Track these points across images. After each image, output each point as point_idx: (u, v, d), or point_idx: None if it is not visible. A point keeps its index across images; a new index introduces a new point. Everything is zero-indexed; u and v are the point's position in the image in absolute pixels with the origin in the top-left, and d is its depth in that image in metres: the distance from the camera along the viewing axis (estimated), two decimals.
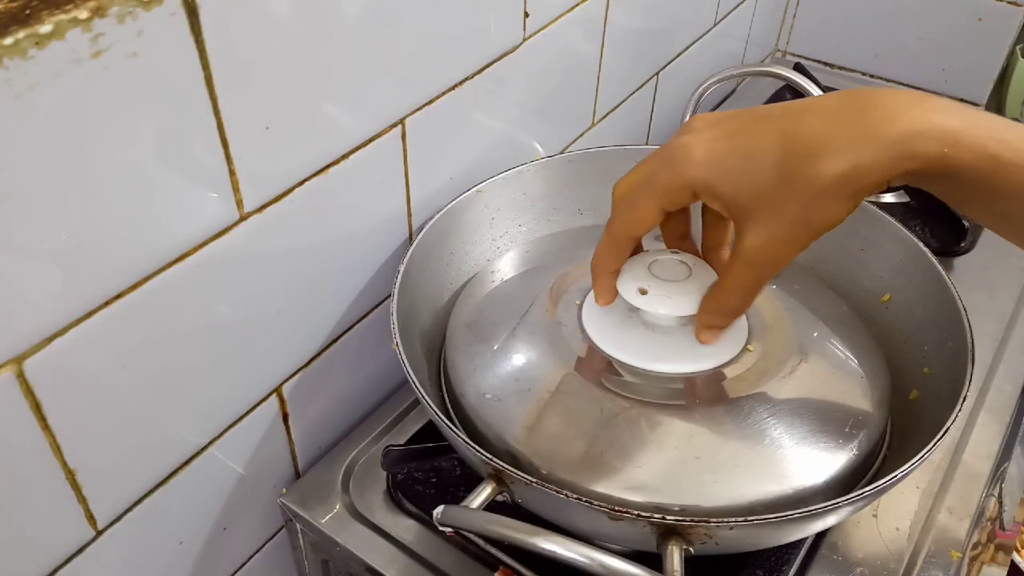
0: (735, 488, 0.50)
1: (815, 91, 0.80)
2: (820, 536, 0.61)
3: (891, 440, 0.60)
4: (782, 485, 0.51)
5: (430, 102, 0.63)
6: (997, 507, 0.76)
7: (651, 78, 0.97)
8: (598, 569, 0.43)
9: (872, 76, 1.23)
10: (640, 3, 0.86)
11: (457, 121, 0.67)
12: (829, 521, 0.52)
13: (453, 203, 0.68)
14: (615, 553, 0.44)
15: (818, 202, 0.44)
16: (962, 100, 1.18)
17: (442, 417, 0.51)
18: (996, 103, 1.18)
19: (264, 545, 0.69)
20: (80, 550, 0.52)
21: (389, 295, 0.60)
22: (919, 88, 1.20)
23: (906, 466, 0.49)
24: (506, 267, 0.70)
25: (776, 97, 1.14)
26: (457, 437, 0.51)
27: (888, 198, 0.95)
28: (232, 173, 0.50)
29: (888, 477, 0.48)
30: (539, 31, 0.72)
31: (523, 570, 0.58)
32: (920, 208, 0.92)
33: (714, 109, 1.15)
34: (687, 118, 0.84)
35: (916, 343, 0.64)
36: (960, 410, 0.52)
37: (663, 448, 0.52)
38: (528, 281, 0.67)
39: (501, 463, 0.49)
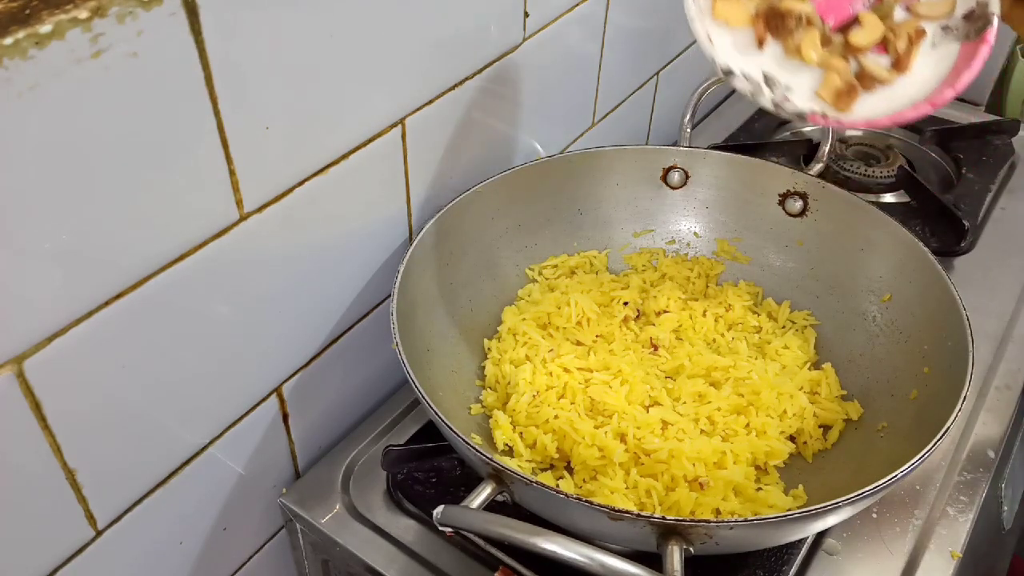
0: None
1: None
2: (820, 536, 0.61)
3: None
4: None
5: (430, 102, 0.63)
6: (997, 507, 0.76)
7: (651, 78, 0.97)
8: (598, 569, 0.43)
9: None
10: (640, 3, 0.86)
11: (457, 121, 0.67)
12: (829, 521, 0.52)
13: (453, 203, 0.68)
14: (615, 553, 0.44)
15: None
16: (962, 100, 1.18)
17: (442, 417, 0.51)
18: (996, 103, 1.18)
19: (264, 545, 0.69)
20: (80, 550, 0.52)
21: (389, 295, 0.60)
22: None
23: (906, 466, 0.49)
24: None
25: None
26: (457, 437, 0.51)
27: (888, 198, 0.95)
28: (232, 173, 0.50)
29: (888, 477, 0.48)
30: (539, 31, 0.72)
31: (523, 570, 0.58)
32: (920, 208, 0.92)
33: (714, 109, 1.15)
34: (687, 118, 0.84)
35: (916, 343, 0.64)
36: (960, 410, 0.52)
37: None
38: None
39: (501, 463, 0.49)
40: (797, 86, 0.53)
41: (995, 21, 0.51)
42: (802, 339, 0.71)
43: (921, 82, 0.53)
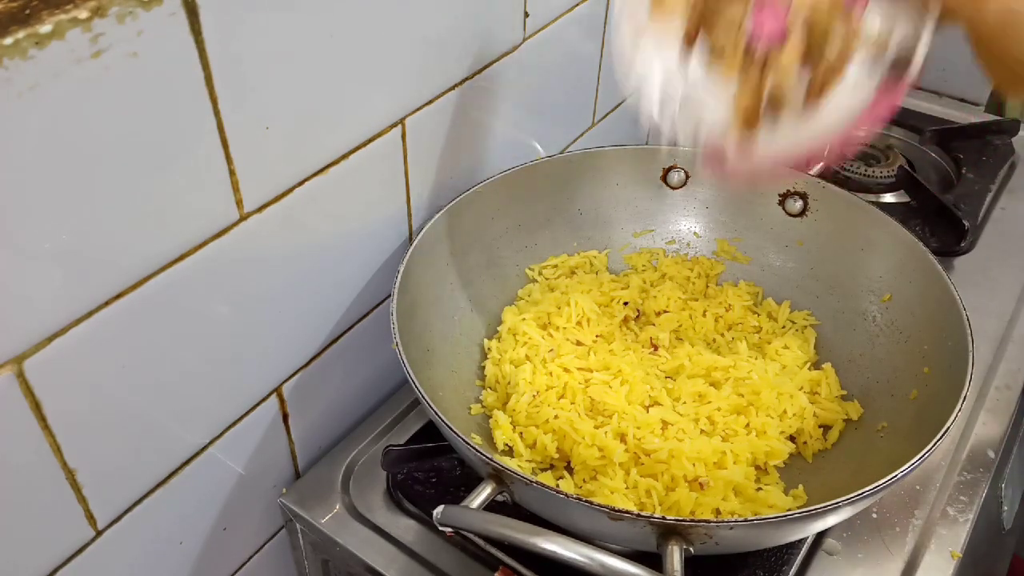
0: None
1: None
2: (820, 536, 0.61)
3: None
4: None
5: (430, 102, 0.63)
6: (997, 507, 0.76)
7: None
8: (598, 569, 0.43)
9: None
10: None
11: (457, 121, 0.67)
12: (829, 521, 0.53)
13: (453, 203, 0.68)
14: (615, 553, 0.44)
15: None
16: (962, 100, 1.18)
17: (442, 417, 0.51)
18: (996, 103, 1.18)
19: (264, 545, 0.69)
20: (80, 550, 0.52)
21: (389, 295, 0.60)
22: (918, 88, 1.20)
23: (906, 466, 0.49)
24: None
25: None
26: (457, 437, 0.51)
27: (888, 198, 0.95)
28: (232, 173, 0.50)
29: (888, 477, 0.48)
30: (539, 31, 0.72)
31: (523, 570, 0.58)
32: (920, 208, 0.92)
33: None
34: None
35: (916, 343, 0.64)
36: (960, 410, 0.52)
37: None
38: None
39: (501, 463, 0.49)
40: (709, 98, 0.51)
41: (916, 66, 0.49)
42: (802, 339, 0.71)
43: (831, 114, 0.50)
